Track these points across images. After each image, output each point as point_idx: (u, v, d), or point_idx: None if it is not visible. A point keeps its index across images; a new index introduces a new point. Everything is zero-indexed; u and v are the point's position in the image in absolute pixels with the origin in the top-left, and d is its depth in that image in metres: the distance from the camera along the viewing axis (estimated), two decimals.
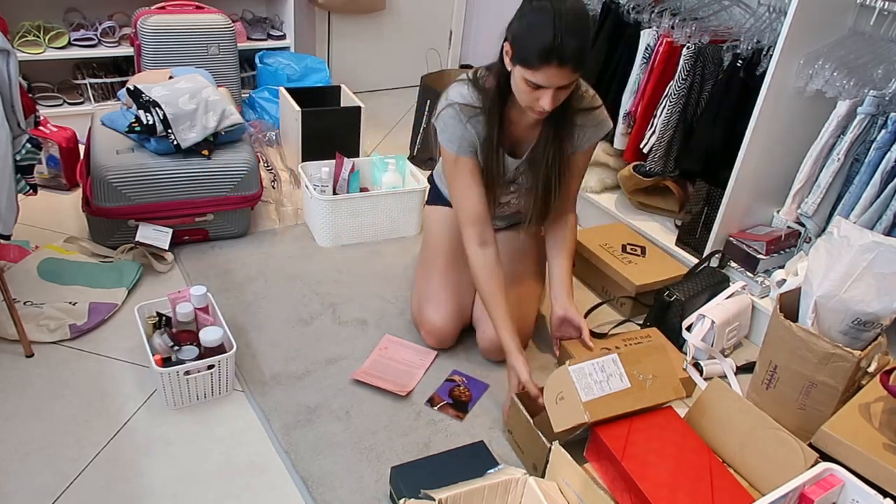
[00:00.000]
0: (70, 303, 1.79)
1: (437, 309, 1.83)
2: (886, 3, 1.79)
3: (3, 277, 1.65)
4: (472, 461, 1.42)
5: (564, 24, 1.39)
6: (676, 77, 2.21)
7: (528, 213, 1.77)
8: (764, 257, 2.04)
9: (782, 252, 2.08)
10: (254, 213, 2.37)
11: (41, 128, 2.32)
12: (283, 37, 3.26)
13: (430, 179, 2.09)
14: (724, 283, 2.02)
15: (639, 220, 2.40)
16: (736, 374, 1.86)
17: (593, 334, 1.87)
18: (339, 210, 2.25)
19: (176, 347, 1.60)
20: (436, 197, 2.03)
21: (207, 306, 1.70)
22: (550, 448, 1.39)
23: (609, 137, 2.49)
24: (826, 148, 1.92)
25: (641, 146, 2.36)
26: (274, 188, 2.54)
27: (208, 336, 1.59)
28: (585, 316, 1.99)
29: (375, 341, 1.89)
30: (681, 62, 2.20)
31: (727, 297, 1.95)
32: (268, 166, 2.63)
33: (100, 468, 1.45)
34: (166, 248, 2.08)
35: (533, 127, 1.67)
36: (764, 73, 1.91)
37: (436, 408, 1.68)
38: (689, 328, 1.92)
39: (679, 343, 1.92)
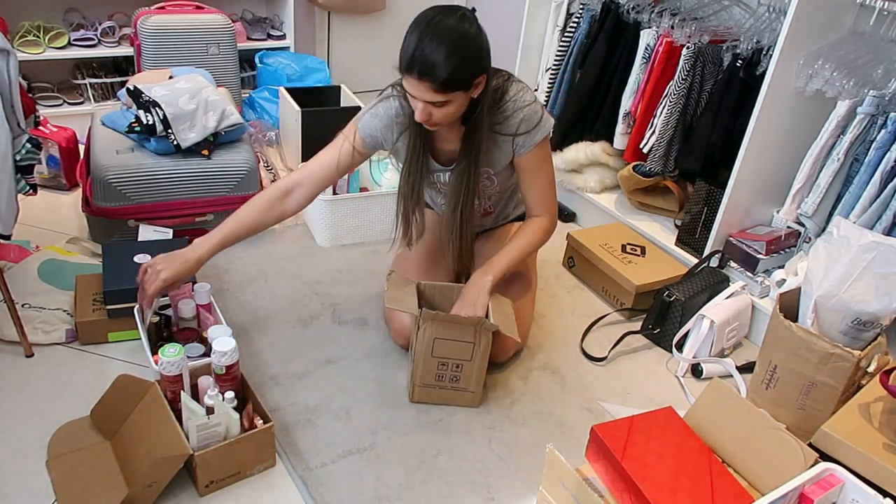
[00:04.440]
0: (67, 312, 1.79)
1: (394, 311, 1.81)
2: (886, 3, 1.79)
3: (4, 278, 1.65)
4: None
5: (429, 39, 1.41)
6: (676, 77, 2.22)
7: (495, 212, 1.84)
8: (764, 257, 2.04)
9: (782, 252, 2.08)
10: None
11: (41, 128, 2.32)
12: (283, 37, 3.26)
13: None
14: (723, 283, 2.02)
15: (638, 220, 2.40)
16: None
17: (593, 359, 1.89)
18: (339, 210, 2.26)
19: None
20: None
21: (210, 304, 1.70)
22: None
23: (609, 137, 2.50)
24: (826, 148, 1.92)
25: (641, 146, 2.36)
26: None
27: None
28: (586, 332, 1.99)
29: (375, 341, 1.89)
30: (680, 62, 2.20)
31: (727, 297, 1.95)
32: (268, 166, 2.63)
33: None
34: None
35: (455, 139, 1.66)
36: (764, 72, 1.91)
37: None
38: (679, 346, 1.93)
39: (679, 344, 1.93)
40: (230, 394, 1.44)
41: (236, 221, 1.65)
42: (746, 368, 1.88)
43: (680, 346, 1.94)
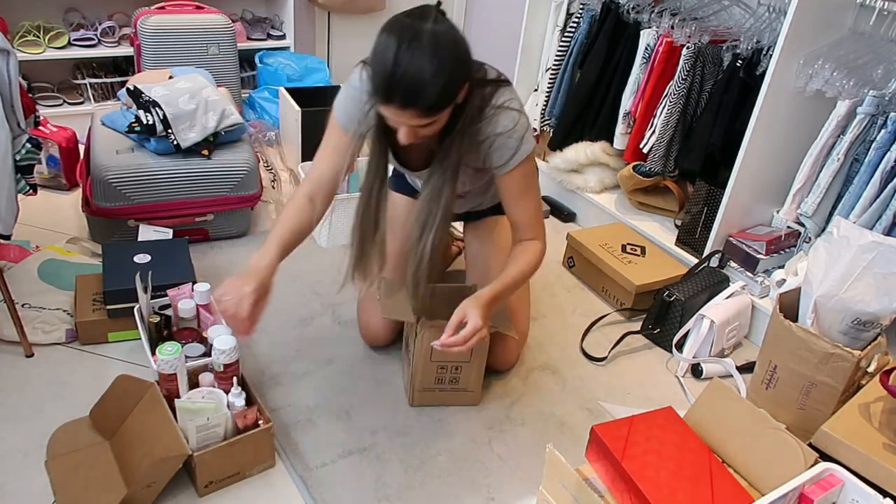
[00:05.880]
0: (67, 312, 1.79)
1: (366, 309, 1.80)
2: (886, 3, 1.79)
3: (4, 278, 1.65)
4: None
5: (409, 58, 1.17)
6: (676, 77, 2.22)
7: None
8: (764, 257, 2.04)
9: (782, 252, 2.08)
10: (254, 213, 2.37)
11: (41, 128, 2.32)
12: (283, 37, 3.26)
13: None
14: (723, 283, 2.02)
15: (639, 220, 2.40)
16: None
17: (593, 359, 1.90)
18: (339, 210, 2.25)
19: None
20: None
21: (210, 304, 1.70)
22: None
23: (609, 137, 2.49)
24: (826, 148, 1.92)
25: (641, 146, 2.36)
26: (274, 188, 2.54)
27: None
28: (586, 332, 1.99)
29: None
30: (680, 62, 2.20)
31: (727, 297, 1.95)
32: (268, 166, 2.63)
33: None
34: None
35: (426, 145, 1.42)
36: (764, 72, 1.91)
37: None
38: (679, 346, 1.93)
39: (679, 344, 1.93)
40: (237, 389, 1.45)
41: (286, 228, 1.46)
42: (746, 368, 1.88)
43: (680, 346, 1.93)
